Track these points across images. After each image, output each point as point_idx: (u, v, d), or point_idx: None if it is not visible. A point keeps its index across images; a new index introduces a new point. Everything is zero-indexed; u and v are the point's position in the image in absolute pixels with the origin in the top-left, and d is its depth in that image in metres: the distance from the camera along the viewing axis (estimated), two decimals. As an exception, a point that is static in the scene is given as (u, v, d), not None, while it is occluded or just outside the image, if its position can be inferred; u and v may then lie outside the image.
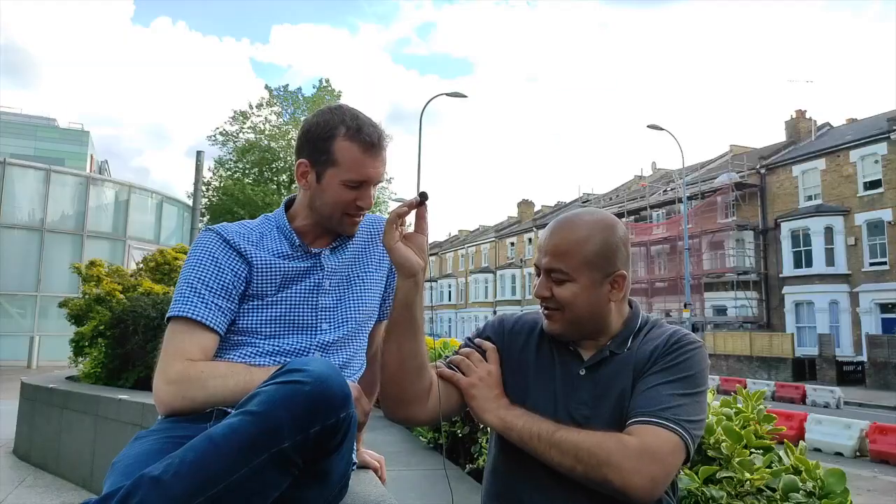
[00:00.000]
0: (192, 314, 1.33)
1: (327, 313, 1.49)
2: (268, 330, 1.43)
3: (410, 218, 1.34)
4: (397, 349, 1.29)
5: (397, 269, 1.28)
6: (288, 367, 1.09)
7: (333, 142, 1.43)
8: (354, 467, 1.55)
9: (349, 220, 1.49)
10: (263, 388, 1.05)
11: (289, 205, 1.56)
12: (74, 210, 19.28)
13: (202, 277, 1.37)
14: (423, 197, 1.29)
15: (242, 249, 1.43)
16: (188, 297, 1.35)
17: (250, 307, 1.43)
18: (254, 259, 1.43)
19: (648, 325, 1.35)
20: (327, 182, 1.44)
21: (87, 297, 6.10)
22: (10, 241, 17.97)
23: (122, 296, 5.76)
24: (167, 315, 1.37)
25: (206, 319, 1.34)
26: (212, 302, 1.36)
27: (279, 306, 1.44)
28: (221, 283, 1.38)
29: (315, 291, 1.48)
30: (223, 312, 1.37)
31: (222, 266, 1.40)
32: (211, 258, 1.40)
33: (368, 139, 1.43)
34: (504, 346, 1.40)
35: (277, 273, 1.44)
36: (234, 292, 1.40)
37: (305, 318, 1.46)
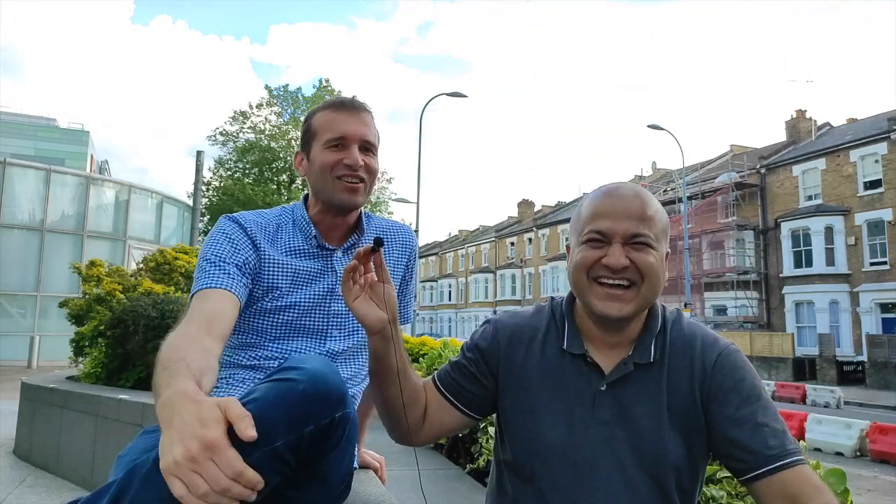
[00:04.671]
0: (214, 285, 1.31)
1: (338, 319, 1.48)
2: (276, 332, 1.43)
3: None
4: (380, 393, 1.24)
5: (362, 325, 1.18)
6: (284, 365, 1.07)
7: (312, 118, 1.51)
8: (354, 470, 1.55)
9: (342, 185, 1.45)
10: (259, 387, 1.03)
11: (306, 200, 1.58)
12: (74, 210, 19.27)
13: (219, 253, 1.38)
14: (377, 243, 1.16)
15: (256, 240, 1.44)
16: (208, 271, 1.34)
17: (262, 309, 1.42)
18: (265, 252, 1.43)
19: (668, 324, 1.20)
20: (314, 154, 1.48)
21: (87, 297, 6.10)
22: (10, 241, 17.97)
23: (122, 296, 5.76)
24: (191, 294, 1.34)
25: (226, 285, 1.32)
26: (232, 271, 1.35)
27: (292, 311, 1.44)
28: (236, 260, 1.38)
29: (328, 296, 1.47)
30: (242, 284, 1.36)
31: (238, 246, 1.41)
32: (227, 238, 1.41)
33: (339, 101, 1.50)
34: (500, 363, 1.23)
35: (286, 269, 1.44)
36: (247, 271, 1.39)
37: (316, 323, 1.46)
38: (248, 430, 0.85)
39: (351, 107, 1.48)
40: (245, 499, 0.84)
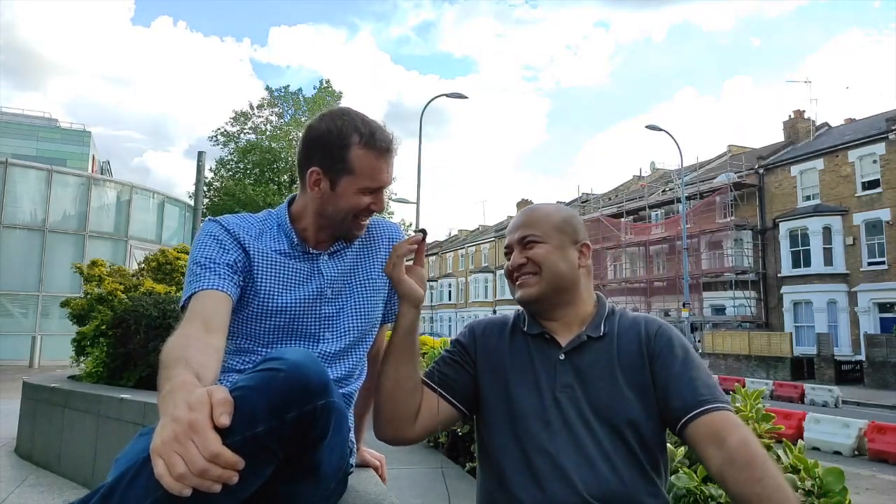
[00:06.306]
0: (206, 286, 1.32)
1: (329, 322, 1.48)
2: (268, 337, 1.43)
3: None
4: (394, 371, 1.40)
5: (404, 299, 1.43)
6: (266, 357, 1.08)
7: (349, 150, 1.40)
8: (353, 469, 1.56)
9: (358, 224, 1.49)
10: (242, 378, 1.04)
11: (291, 203, 1.55)
12: (76, 210, 19.25)
13: (209, 255, 1.37)
14: (423, 233, 1.47)
15: (242, 241, 1.43)
16: (199, 274, 1.34)
17: (253, 313, 1.42)
18: (253, 251, 1.43)
19: (616, 313, 1.44)
20: (343, 189, 1.43)
21: (88, 296, 6.11)
22: (12, 241, 17.95)
23: (123, 295, 5.77)
24: (182, 300, 1.35)
25: (218, 286, 1.33)
26: (222, 271, 1.36)
27: (283, 315, 1.43)
28: (226, 260, 1.38)
29: (317, 300, 1.47)
30: (234, 283, 1.36)
31: (226, 247, 1.41)
32: (214, 239, 1.41)
33: (384, 145, 1.43)
34: (477, 350, 1.45)
35: (276, 267, 1.44)
36: (238, 269, 1.39)
37: (308, 327, 1.46)
38: (220, 418, 0.89)
39: (392, 154, 1.47)
40: (225, 481, 0.87)
